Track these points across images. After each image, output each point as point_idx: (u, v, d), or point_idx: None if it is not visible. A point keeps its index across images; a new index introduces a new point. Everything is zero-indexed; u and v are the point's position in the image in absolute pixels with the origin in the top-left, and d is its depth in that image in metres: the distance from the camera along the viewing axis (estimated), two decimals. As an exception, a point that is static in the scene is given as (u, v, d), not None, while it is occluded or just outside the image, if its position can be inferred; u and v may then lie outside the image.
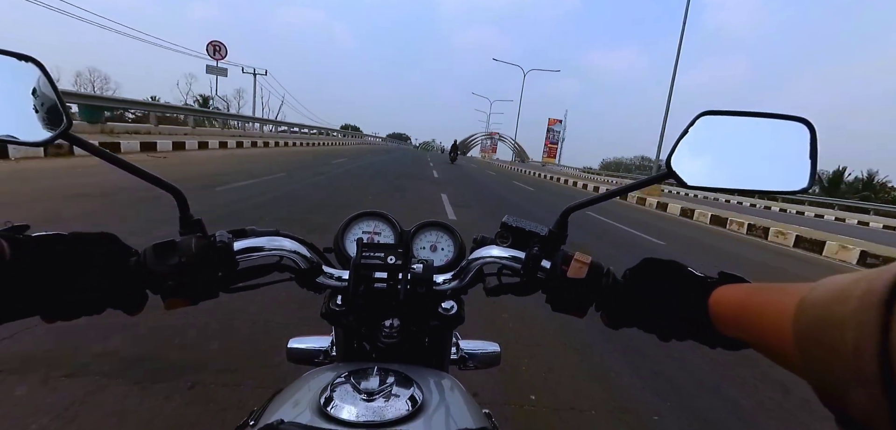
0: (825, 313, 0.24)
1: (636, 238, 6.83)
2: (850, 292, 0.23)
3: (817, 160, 0.42)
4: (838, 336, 0.22)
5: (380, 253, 0.52)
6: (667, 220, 10.44)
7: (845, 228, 14.51)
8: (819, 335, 0.24)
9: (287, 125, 27.50)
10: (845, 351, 0.21)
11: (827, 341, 0.23)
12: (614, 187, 0.50)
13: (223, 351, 1.90)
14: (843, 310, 0.22)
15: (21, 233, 0.37)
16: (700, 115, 0.44)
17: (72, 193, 4.52)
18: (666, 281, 0.43)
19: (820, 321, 0.24)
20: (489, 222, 5.64)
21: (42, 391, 1.51)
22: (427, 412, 0.40)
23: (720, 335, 0.38)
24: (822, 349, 0.23)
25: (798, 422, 1.93)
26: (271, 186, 6.83)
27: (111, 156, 0.42)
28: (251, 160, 10.69)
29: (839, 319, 0.22)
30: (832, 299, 0.24)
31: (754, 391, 2.13)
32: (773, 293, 0.32)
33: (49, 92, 0.39)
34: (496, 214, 5.51)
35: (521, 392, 1.87)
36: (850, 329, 0.21)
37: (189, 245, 0.42)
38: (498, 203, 9.34)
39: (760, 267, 6.05)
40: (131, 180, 0.49)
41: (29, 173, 5.44)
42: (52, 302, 0.38)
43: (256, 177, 7.45)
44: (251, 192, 5.96)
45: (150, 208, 4.04)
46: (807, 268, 6.40)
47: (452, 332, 0.65)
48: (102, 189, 4.73)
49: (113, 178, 5.08)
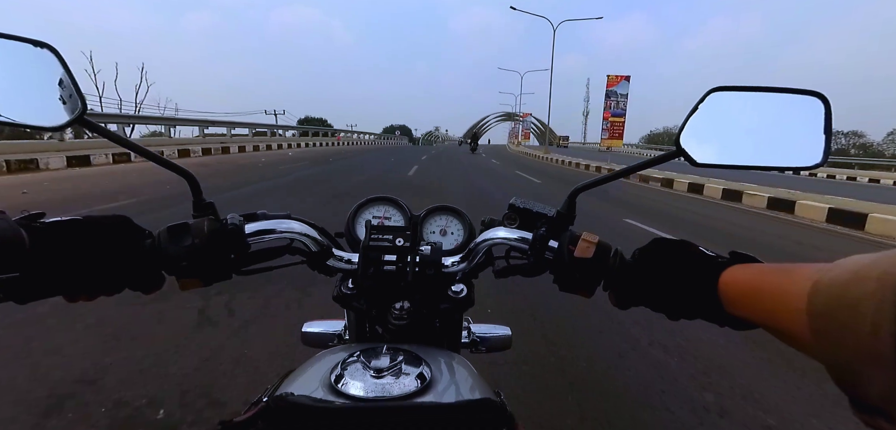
0: (842, 293, 0.24)
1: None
2: (868, 272, 0.22)
3: (832, 134, 0.41)
4: (855, 318, 0.22)
5: (389, 236, 0.53)
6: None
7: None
8: (835, 317, 0.24)
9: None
10: (863, 332, 0.21)
11: (843, 322, 0.23)
12: (622, 168, 0.50)
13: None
14: (861, 291, 0.22)
15: (37, 220, 0.38)
16: (710, 91, 0.43)
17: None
18: (675, 261, 0.43)
19: (836, 303, 0.24)
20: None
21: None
22: (436, 389, 0.41)
23: (730, 315, 0.38)
24: (839, 331, 0.23)
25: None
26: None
27: (125, 140, 0.43)
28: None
29: (856, 300, 0.22)
30: (849, 279, 0.24)
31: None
32: (785, 274, 0.31)
33: (64, 78, 0.40)
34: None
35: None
36: (868, 310, 0.21)
37: (202, 227, 0.43)
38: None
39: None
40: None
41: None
42: (72, 283, 0.39)
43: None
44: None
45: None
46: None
47: (463, 315, 0.65)
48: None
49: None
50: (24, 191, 4.93)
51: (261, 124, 23.53)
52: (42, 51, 0.40)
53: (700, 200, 8.93)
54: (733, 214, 7.34)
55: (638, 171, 0.49)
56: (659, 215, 6.83)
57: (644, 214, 6.75)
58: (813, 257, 1.95)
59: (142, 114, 25.83)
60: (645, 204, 7.90)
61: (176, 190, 5.58)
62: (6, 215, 0.34)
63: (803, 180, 15.49)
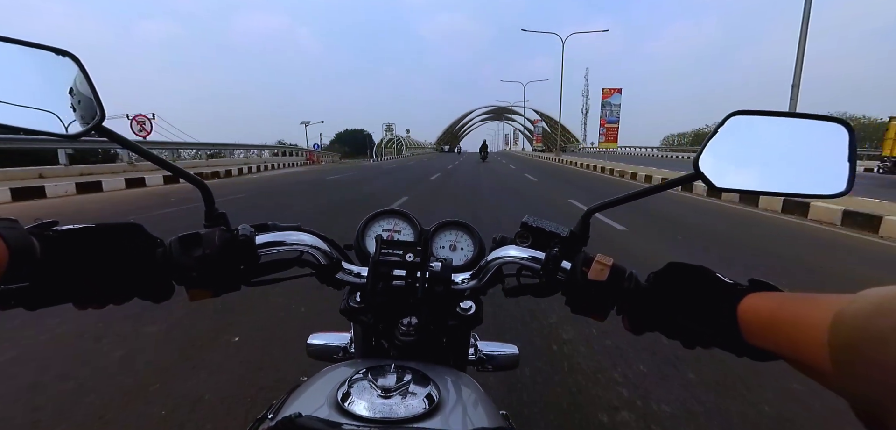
0: (866, 326, 0.23)
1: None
2: (893, 305, 0.22)
3: (856, 163, 0.40)
4: (880, 351, 0.21)
5: (399, 251, 0.52)
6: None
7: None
8: (859, 350, 0.23)
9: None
10: (888, 366, 0.21)
11: (868, 355, 0.22)
12: (639, 189, 0.49)
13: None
14: (886, 324, 0.21)
15: (50, 229, 0.38)
16: (730, 115, 0.42)
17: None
18: (692, 287, 0.42)
19: (860, 335, 0.23)
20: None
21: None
22: (443, 411, 0.40)
23: (748, 345, 0.37)
24: (862, 364, 0.23)
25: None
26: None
27: (142, 149, 0.43)
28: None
29: (881, 333, 0.22)
30: (873, 312, 0.23)
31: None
32: (806, 304, 0.30)
33: (84, 87, 0.40)
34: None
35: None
36: (894, 343, 0.21)
37: (213, 238, 0.43)
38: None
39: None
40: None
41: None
42: (82, 291, 0.39)
43: None
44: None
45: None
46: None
47: (471, 332, 0.64)
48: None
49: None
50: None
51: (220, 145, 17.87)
52: (63, 59, 0.40)
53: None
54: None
55: (656, 193, 0.48)
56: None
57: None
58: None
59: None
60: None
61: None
62: (18, 223, 0.35)
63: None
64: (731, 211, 7.49)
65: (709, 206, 8.04)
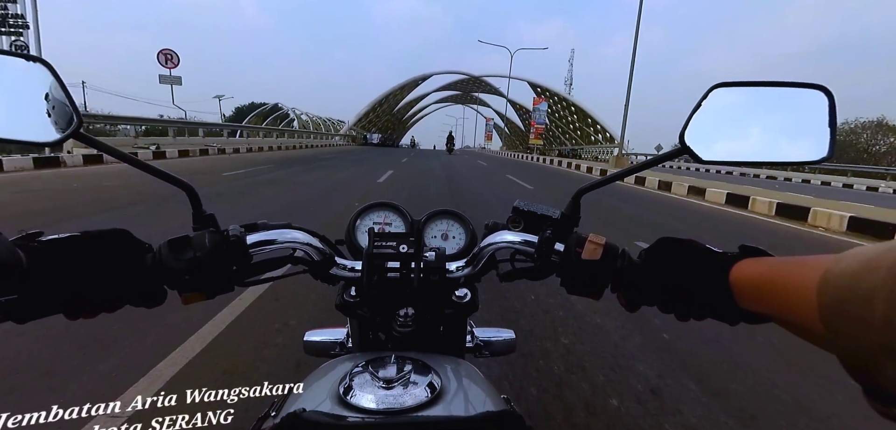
0: (852, 284, 0.23)
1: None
2: (879, 262, 0.22)
3: (837, 127, 0.41)
4: (867, 308, 0.22)
5: (392, 243, 0.52)
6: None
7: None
8: (846, 307, 0.24)
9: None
10: (875, 322, 0.21)
11: (855, 312, 0.23)
12: (626, 167, 0.49)
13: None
14: (872, 281, 0.22)
15: (35, 239, 0.37)
16: (713, 87, 0.43)
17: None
18: (684, 259, 0.42)
19: (847, 293, 0.24)
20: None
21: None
22: (446, 398, 0.40)
23: (742, 310, 0.38)
24: (850, 321, 0.23)
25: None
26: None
27: (123, 154, 0.42)
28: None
29: (868, 290, 0.22)
30: (859, 270, 0.23)
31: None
32: (795, 266, 0.31)
33: (58, 93, 0.39)
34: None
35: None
36: (880, 300, 0.21)
37: (203, 240, 0.43)
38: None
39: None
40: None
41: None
42: (72, 301, 0.38)
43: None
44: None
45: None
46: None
47: (467, 320, 0.65)
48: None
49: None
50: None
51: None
52: (35, 65, 0.39)
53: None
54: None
55: (642, 170, 0.49)
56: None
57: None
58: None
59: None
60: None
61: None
62: (2, 236, 0.34)
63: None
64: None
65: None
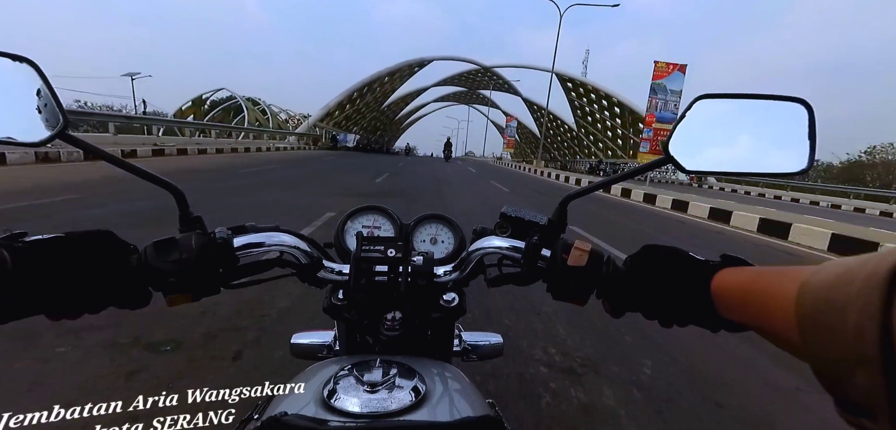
0: (828, 295, 0.24)
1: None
2: (854, 274, 0.22)
3: (816, 141, 0.41)
4: (840, 318, 0.22)
5: (380, 246, 0.52)
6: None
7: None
8: (821, 318, 0.24)
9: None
10: (847, 333, 0.21)
11: (829, 323, 0.23)
12: (613, 175, 0.50)
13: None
14: (846, 292, 0.22)
15: (19, 240, 0.37)
16: (697, 98, 0.44)
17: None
18: (667, 267, 0.43)
19: (823, 304, 0.24)
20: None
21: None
22: (430, 403, 0.40)
23: (723, 319, 0.38)
24: (824, 332, 0.23)
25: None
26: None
27: (109, 155, 0.42)
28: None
29: (842, 301, 0.22)
30: (835, 281, 0.24)
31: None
32: (775, 277, 0.31)
33: (45, 92, 0.39)
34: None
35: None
36: (853, 311, 0.21)
37: (189, 242, 0.42)
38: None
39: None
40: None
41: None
42: (54, 302, 0.38)
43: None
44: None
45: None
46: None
47: (455, 324, 0.65)
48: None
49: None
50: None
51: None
52: (21, 65, 0.39)
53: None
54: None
55: (629, 178, 0.50)
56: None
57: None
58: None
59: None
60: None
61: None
62: None
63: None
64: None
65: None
